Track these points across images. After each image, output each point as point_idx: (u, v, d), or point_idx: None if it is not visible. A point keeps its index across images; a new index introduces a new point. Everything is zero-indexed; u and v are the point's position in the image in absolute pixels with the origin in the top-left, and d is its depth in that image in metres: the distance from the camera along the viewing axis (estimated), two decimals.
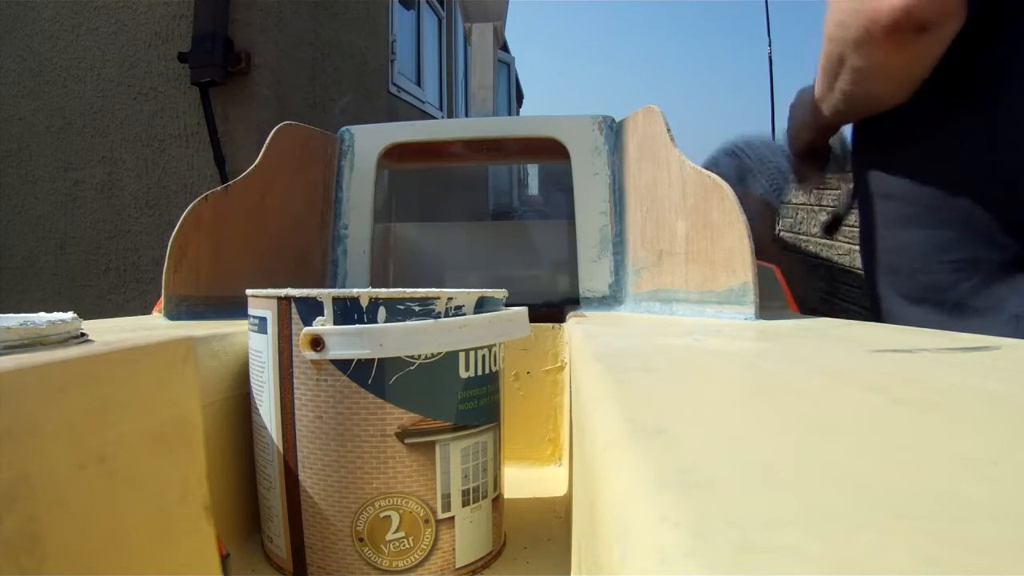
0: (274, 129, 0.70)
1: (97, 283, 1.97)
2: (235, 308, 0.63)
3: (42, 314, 0.39)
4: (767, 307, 0.52)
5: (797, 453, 0.14)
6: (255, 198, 0.66)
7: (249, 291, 0.39)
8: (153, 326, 0.51)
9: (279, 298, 0.36)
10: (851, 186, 0.71)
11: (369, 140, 0.80)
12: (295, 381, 0.36)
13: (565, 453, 0.58)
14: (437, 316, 0.36)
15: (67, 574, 0.20)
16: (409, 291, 0.37)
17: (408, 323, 0.35)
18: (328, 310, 0.35)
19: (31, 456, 0.19)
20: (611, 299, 0.69)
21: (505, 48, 4.94)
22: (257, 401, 0.39)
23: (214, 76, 1.77)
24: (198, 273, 0.59)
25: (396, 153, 0.83)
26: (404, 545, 0.36)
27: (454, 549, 0.37)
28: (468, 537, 0.38)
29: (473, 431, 0.38)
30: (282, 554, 0.38)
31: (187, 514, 0.26)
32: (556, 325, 0.59)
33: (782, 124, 0.77)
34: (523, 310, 0.41)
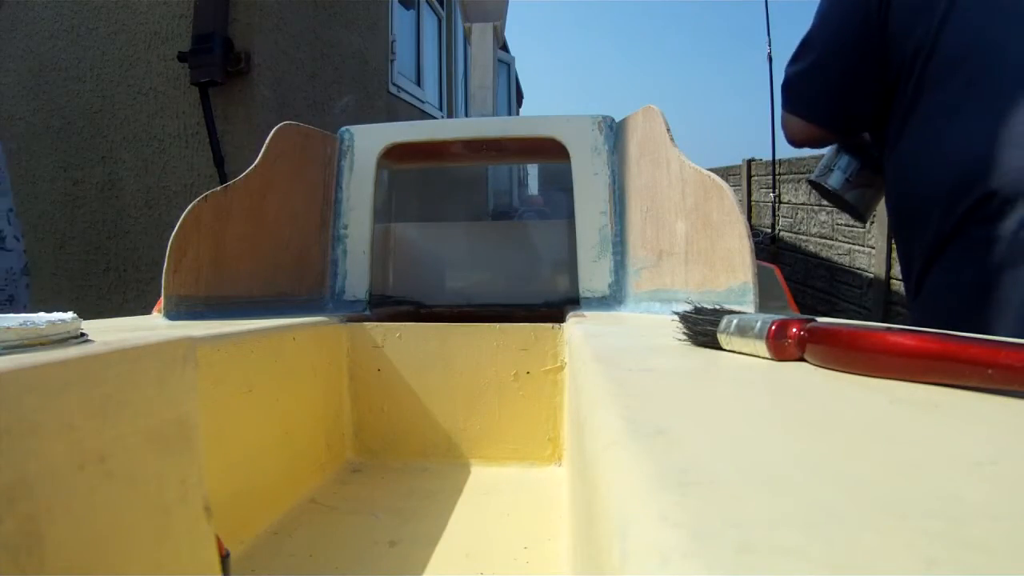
0: (274, 129, 0.70)
1: (97, 283, 1.97)
2: (235, 308, 0.63)
3: (42, 314, 0.39)
4: (767, 307, 0.52)
5: (797, 453, 0.14)
6: (255, 198, 0.66)
7: None
8: (153, 326, 0.51)
9: None
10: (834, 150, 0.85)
11: (369, 140, 0.80)
12: None
13: (565, 453, 0.58)
14: None
15: (67, 574, 0.20)
16: None
17: None
18: None
19: (31, 456, 0.19)
20: (611, 299, 0.69)
21: (505, 48, 4.93)
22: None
23: (214, 76, 1.77)
24: (198, 273, 0.59)
25: (396, 153, 0.83)
26: None
27: None
28: None
29: None
30: None
31: (187, 514, 0.26)
32: (556, 325, 0.59)
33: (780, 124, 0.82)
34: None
